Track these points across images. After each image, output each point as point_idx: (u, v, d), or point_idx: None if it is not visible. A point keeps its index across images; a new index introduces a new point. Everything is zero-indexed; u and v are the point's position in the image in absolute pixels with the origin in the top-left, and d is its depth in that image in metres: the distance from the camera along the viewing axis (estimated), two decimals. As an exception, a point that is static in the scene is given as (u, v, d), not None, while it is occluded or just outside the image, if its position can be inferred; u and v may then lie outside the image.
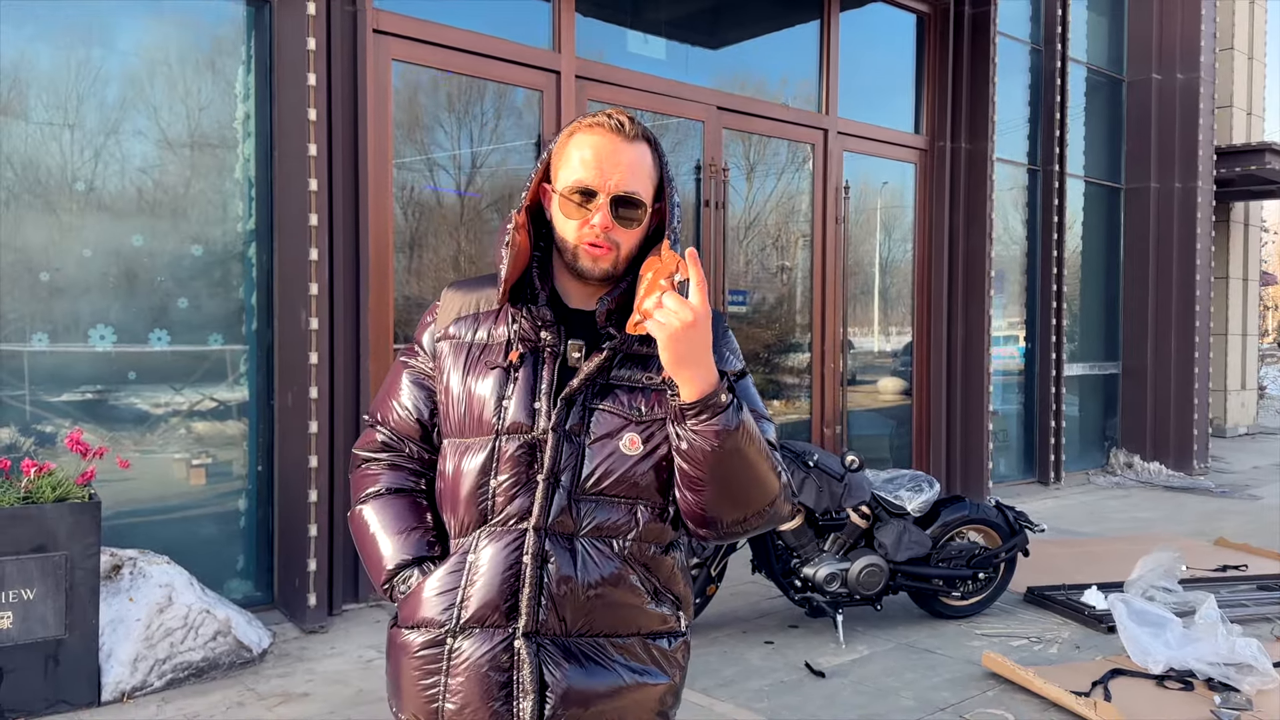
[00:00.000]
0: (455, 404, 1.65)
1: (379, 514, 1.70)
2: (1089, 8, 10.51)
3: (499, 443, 1.60)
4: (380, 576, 1.68)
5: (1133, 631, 4.45)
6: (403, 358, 1.78)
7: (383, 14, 5.35)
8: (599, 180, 1.57)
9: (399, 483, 1.73)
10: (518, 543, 1.57)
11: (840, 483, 4.72)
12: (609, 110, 1.64)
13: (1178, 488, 9.75)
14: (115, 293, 4.72)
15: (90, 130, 4.67)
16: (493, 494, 1.60)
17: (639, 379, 1.62)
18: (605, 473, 1.58)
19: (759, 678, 4.35)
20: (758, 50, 7.73)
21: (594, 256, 1.59)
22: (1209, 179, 10.72)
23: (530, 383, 1.61)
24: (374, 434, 1.78)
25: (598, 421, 1.59)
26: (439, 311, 1.74)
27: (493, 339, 1.66)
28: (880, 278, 8.67)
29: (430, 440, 1.73)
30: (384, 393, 1.79)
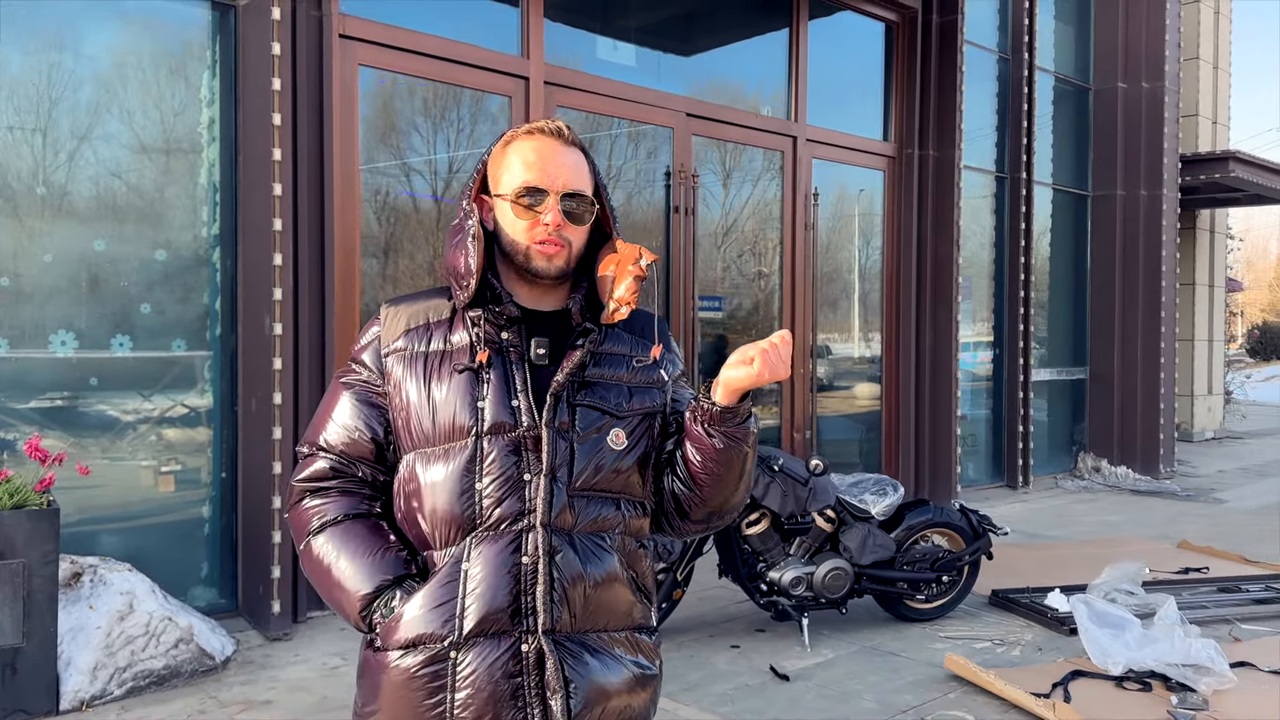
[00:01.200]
0: (420, 413, 1.61)
1: (342, 541, 1.62)
2: (1056, 17, 10.64)
3: (481, 444, 1.58)
4: (356, 604, 1.59)
5: (1093, 633, 4.50)
6: (342, 379, 1.72)
7: (349, 19, 5.34)
8: (546, 180, 1.62)
9: (355, 508, 1.66)
10: (514, 544, 1.56)
11: (805, 487, 4.75)
12: (542, 120, 1.69)
13: (1144, 491, 9.86)
14: (77, 298, 4.69)
15: (52, 134, 4.64)
16: (480, 497, 1.57)
17: (615, 377, 1.68)
18: (597, 468, 1.61)
19: (724, 681, 4.37)
20: (727, 58, 7.78)
21: (548, 255, 1.62)
22: (1174, 187, 10.87)
23: (504, 382, 1.61)
24: (317, 461, 1.70)
25: (583, 418, 1.62)
26: (383, 328, 1.70)
27: (451, 345, 1.64)
28: (850, 284, 8.73)
29: (384, 461, 1.68)
30: (323, 418, 1.71)
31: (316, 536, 1.64)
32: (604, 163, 6.91)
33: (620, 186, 6.99)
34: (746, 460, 1.66)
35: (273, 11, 4.79)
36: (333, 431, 1.68)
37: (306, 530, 1.66)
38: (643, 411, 1.68)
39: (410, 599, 1.56)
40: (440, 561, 1.59)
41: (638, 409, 1.67)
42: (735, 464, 1.64)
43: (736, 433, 1.62)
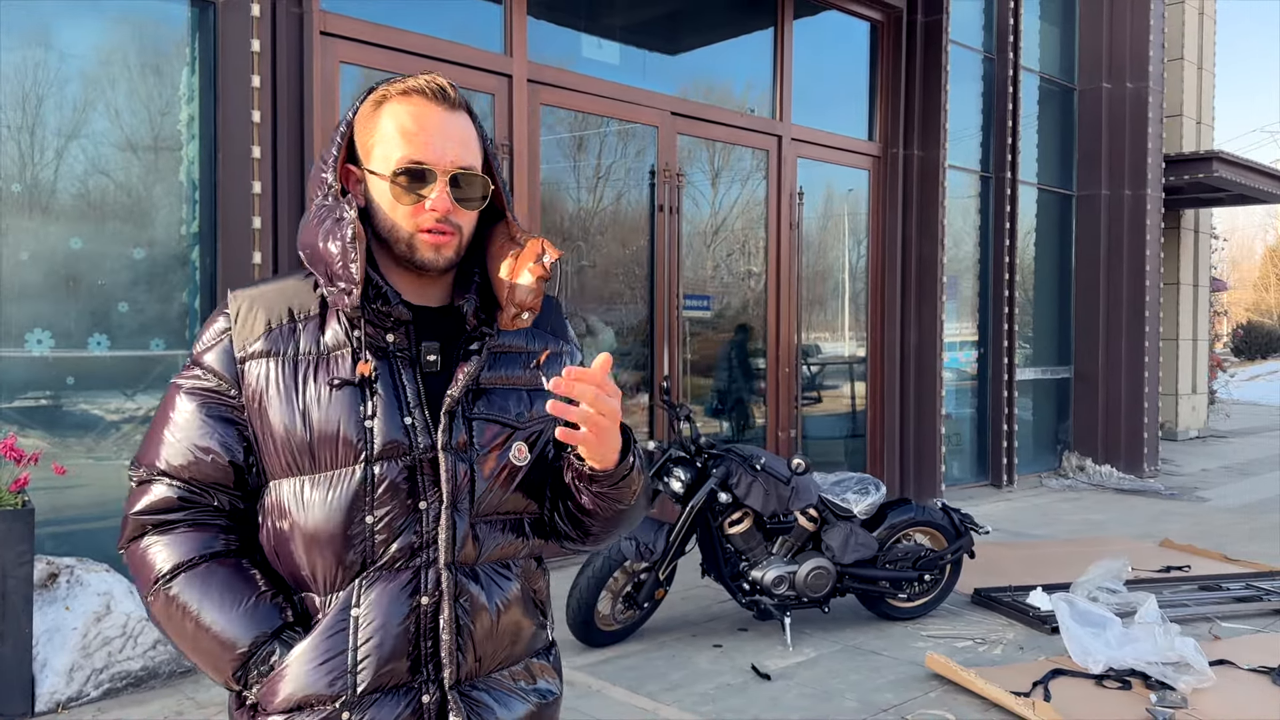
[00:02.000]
0: (294, 433, 1.36)
1: (203, 588, 1.35)
2: (1041, 17, 10.67)
3: (372, 471, 1.36)
4: (229, 664, 1.34)
5: (1075, 631, 4.51)
6: (185, 387, 1.41)
7: (330, 16, 5.31)
8: (431, 155, 1.37)
9: (213, 546, 1.38)
10: (412, 584, 1.36)
11: (787, 486, 4.74)
12: (421, 75, 1.42)
13: (1128, 490, 9.89)
14: (54, 297, 4.65)
15: (28, 132, 4.60)
16: (371, 533, 1.36)
17: (511, 379, 1.48)
18: (501, 489, 1.43)
19: (705, 681, 4.36)
20: (712, 57, 7.77)
21: (435, 245, 1.39)
22: (1158, 186, 10.92)
23: (394, 395, 1.38)
24: (159, 490, 1.40)
25: (480, 433, 1.42)
26: (235, 324, 1.41)
27: (325, 349, 1.39)
28: (835, 283, 8.74)
29: (244, 485, 1.41)
30: (162, 435, 1.41)
31: (169, 583, 1.35)
32: (591, 161, 6.90)
33: (606, 185, 6.98)
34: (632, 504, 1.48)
35: (252, 8, 4.77)
36: (177, 453, 1.39)
37: (155, 576, 1.36)
38: (544, 419, 1.47)
39: (291, 653, 1.33)
40: (324, 607, 1.37)
41: (539, 417, 1.47)
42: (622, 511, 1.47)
43: (609, 493, 1.43)
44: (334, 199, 1.38)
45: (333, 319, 1.40)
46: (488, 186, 1.42)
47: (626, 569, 4.68)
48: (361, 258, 1.34)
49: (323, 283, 1.39)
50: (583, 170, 6.87)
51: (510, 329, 1.45)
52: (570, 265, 6.70)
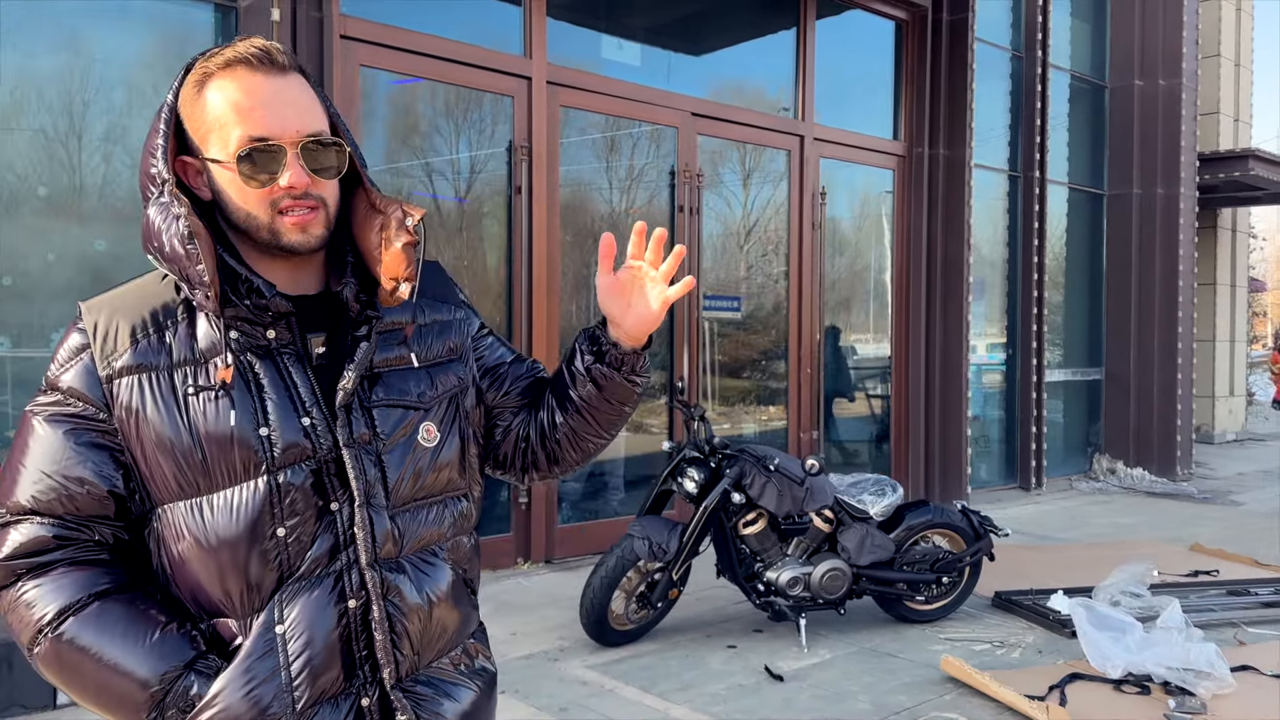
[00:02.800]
0: (181, 453, 1.25)
1: (97, 629, 1.23)
2: (1072, 14, 10.54)
3: (276, 480, 1.26)
4: (142, 705, 1.22)
5: (1092, 636, 4.45)
6: (46, 414, 1.28)
7: (350, 20, 5.37)
8: (274, 128, 1.24)
9: (100, 582, 1.26)
10: (336, 590, 1.29)
11: (802, 487, 4.72)
12: (240, 41, 1.28)
13: (1160, 494, 9.74)
14: (77, 297, 4.70)
15: (54, 135, 4.69)
16: (284, 545, 1.27)
17: (403, 358, 1.40)
18: (415, 476, 1.37)
19: (718, 681, 4.35)
20: (733, 57, 7.76)
21: (301, 225, 1.27)
22: (1192, 185, 10.75)
23: (286, 396, 1.29)
24: (29, 531, 1.26)
25: (383, 420, 1.35)
26: (94, 339, 1.28)
27: (200, 355, 1.28)
28: (859, 283, 8.69)
29: (126, 515, 1.29)
30: (25, 468, 1.27)
31: (59, 630, 1.23)
32: (611, 163, 6.91)
33: (626, 187, 6.99)
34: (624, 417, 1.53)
35: (272, 13, 4.83)
36: (45, 488, 1.26)
37: (38, 625, 1.23)
38: (448, 394, 1.43)
39: (214, 684, 1.23)
40: (243, 630, 1.27)
41: (442, 392, 1.42)
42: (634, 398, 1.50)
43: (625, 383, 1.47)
44: (168, 194, 1.25)
45: (202, 320, 1.29)
46: (343, 152, 1.31)
47: (640, 569, 4.69)
48: (209, 256, 1.24)
49: (183, 286, 1.27)
50: (603, 172, 6.89)
51: (392, 304, 1.36)
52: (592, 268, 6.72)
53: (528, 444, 1.54)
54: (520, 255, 6.13)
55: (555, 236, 6.26)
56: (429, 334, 1.44)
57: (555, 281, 6.26)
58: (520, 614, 5.21)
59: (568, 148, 6.49)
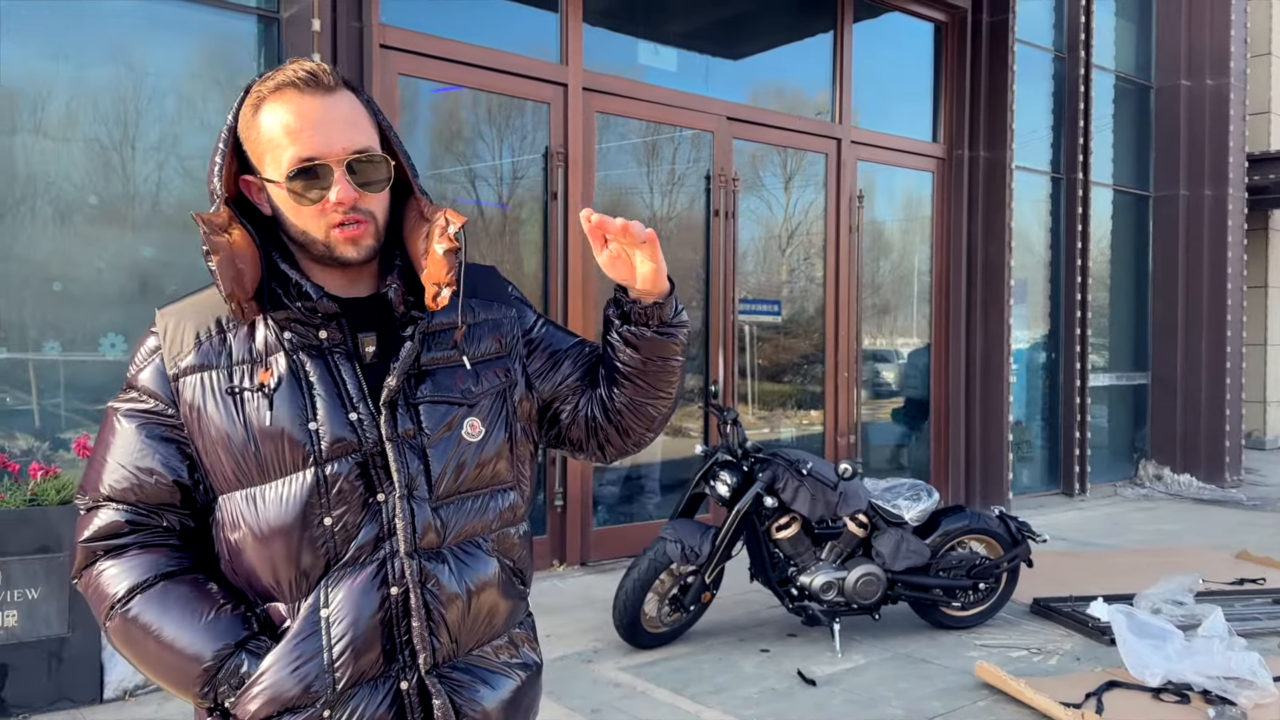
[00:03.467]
0: (236, 446, 1.35)
1: (161, 607, 1.34)
2: (1116, 14, 10.40)
3: (323, 472, 1.35)
4: (196, 679, 1.32)
5: (1131, 643, 4.39)
6: (122, 410, 1.40)
7: (389, 29, 5.46)
8: (320, 147, 1.32)
9: (167, 565, 1.37)
10: (378, 576, 1.36)
11: (835, 491, 4.71)
12: (290, 64, 1.36)
13: (1208, 500, 9.56)
14: (125, 303, 4.86)
15: (103, 145, 4.83)
16: (330, 534, 1.35)
17: (451, 357, 1.46)
18: (457, 470, 1.43)
19: (750, 685, 4.36)
20: (771, 61, 7.76)
21: (353, 239, 1.36)
22: (1240, 186, 10.54)
23: (334, 392, 1.37)
24: (106, 516, 1.38)
25: (429, 416, 1.41)
26: (164, 341, 1.39)
27: (257, 355, 1.37)
28: (898, 287, 8.64)
29: (193, 504, 1.40)
30: (104, 461, 1.39)
31: (127, 606, 1.34)
32: (648, 168, 6.94)
33: (663, 191, 7.02)
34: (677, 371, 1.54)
35: (313, 23, 4.92)
36: (120, 477, 1.37)
37: (111, 600, 1.35)
38: (495, 390, 1.48)
39: (262, 662, 1.33)
40: (291, 614, 1.36)
41: (489, 388, 1.47)
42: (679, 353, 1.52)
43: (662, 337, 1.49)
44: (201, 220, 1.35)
45: (261, 323, 1.38)
46: (390, 165, 1.38)
47: (673, 571, 4.71)
48: (226, 275, 1.32)
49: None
50: (639, 176, 6.92)
51: (434, 308, 1.41)
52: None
53: (595, 423, 1.57)
54: (556, 260, 6.18)
55: (591, 241, 6.30)
56: (479, 332, 1.50)
57: (590, 286, 6.30)
58: (555, 615, 5.26)
59: (603, 153, 6.53)
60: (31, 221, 4.63)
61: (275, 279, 1.38)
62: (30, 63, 4.63)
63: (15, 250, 4.59)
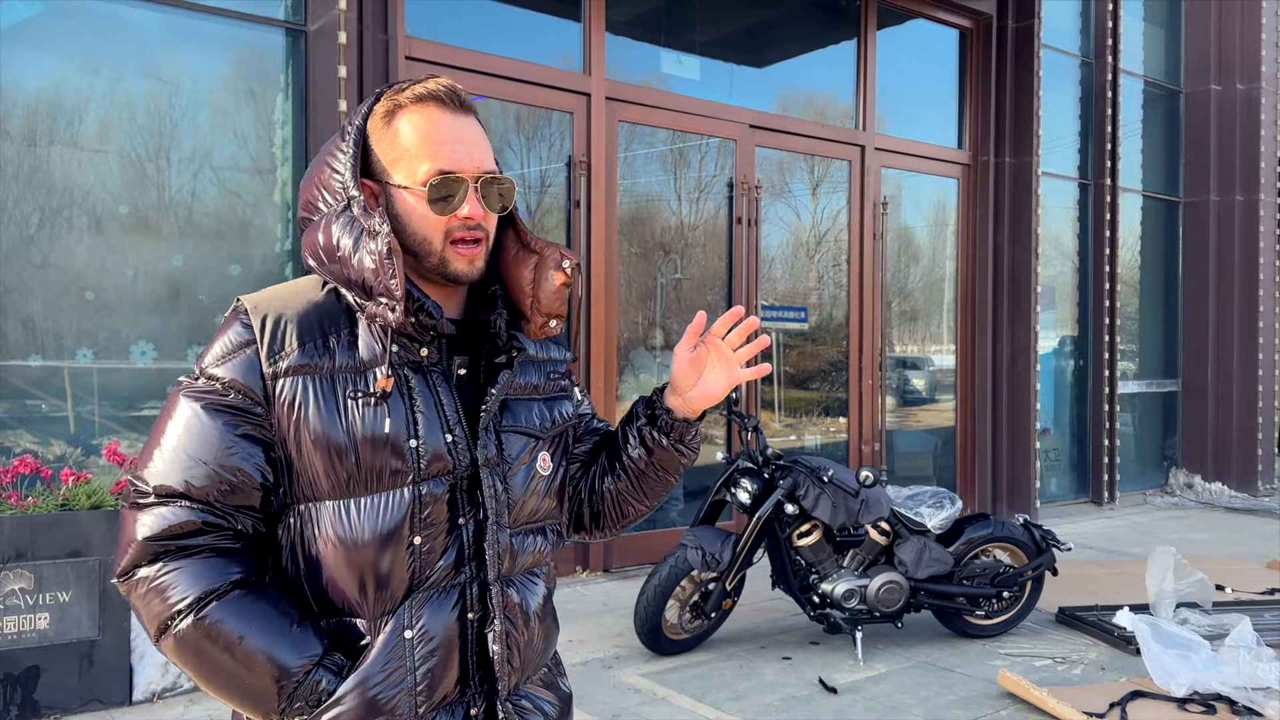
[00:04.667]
0: (338, 453, 1.30)
1: (243, 617, 1.26)
2: (1145, 19, 10.33)
3: (419, 491, 1.33)
4: (276, 695, 1.25)
5: (1156, 653, 4.35)
6: (204, 401, 1.30)
7: (415, 41, 5.53)
8: (459, 162, 1.33)
9: (239, 572, 1.29)
10: (459, 602, 1.36)
11: (856, 499, 4.71)
12: (430, 79, 1.37)
13: (1239, 509, 9.44)
14: (156, 311, 4.95)
15: (134, 156, 4.92)
16: (419, 553, 1.33)
17: (530, 389, 1.50)
18: (532, 500, 1.45)
19: (771, 693, 4.36)
20: (795, 69, 7.78)
21: (469, 257, 1.36)
22: (1273, 191, 10.42)
23: (434, 410, 1.36)
24: (178, 514, 1.28)
25: (510, 445, 1.43)
26: (259, 336, 1.32)
27: (361, 364, 1.33)
28: (924, 294, 8.61)
29: (268, 509, 1.33)
30: (178, 452, 1.29)
31: (201, 612, 1.25)
32: (683, 175, 6.98)
33: (686, 200, 7.05)
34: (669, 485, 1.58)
35: (339, 36, 5.00)
36: (201, 474, 1.28)
37: (178, 606, 1.25)
38: (562, 426, 1.54)
39: (345, 682, 1.28)
40: (371, 631, 1.32)
41: (558, 425, 1.53)
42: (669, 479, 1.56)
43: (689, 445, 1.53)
44: (361, 210, 1.31)
45: (363, 330, 1.34)
46: (512, 189, 1.40)
47: (694, 578, 4.72)
48: (401, 274, 1.29)
49: (355, 296, 1.33)
50: (662, 185, 6.96)
51: (539, 338, 1.46)
52: (664, 278, 6.79)
53: (576, 500, 1.60)
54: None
55: (614, 250, 6.35)
56: (549, 369, 1.54)
57: (613, 295, 6.34)
58: (577, 621, 5.28)
59: (627, 161, 6.57)
60: (68, 231, 4.73)
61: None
62: (65, 76, 4.73)
63: (51, 259, 4.69)
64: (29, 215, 4.66)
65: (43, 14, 4.68)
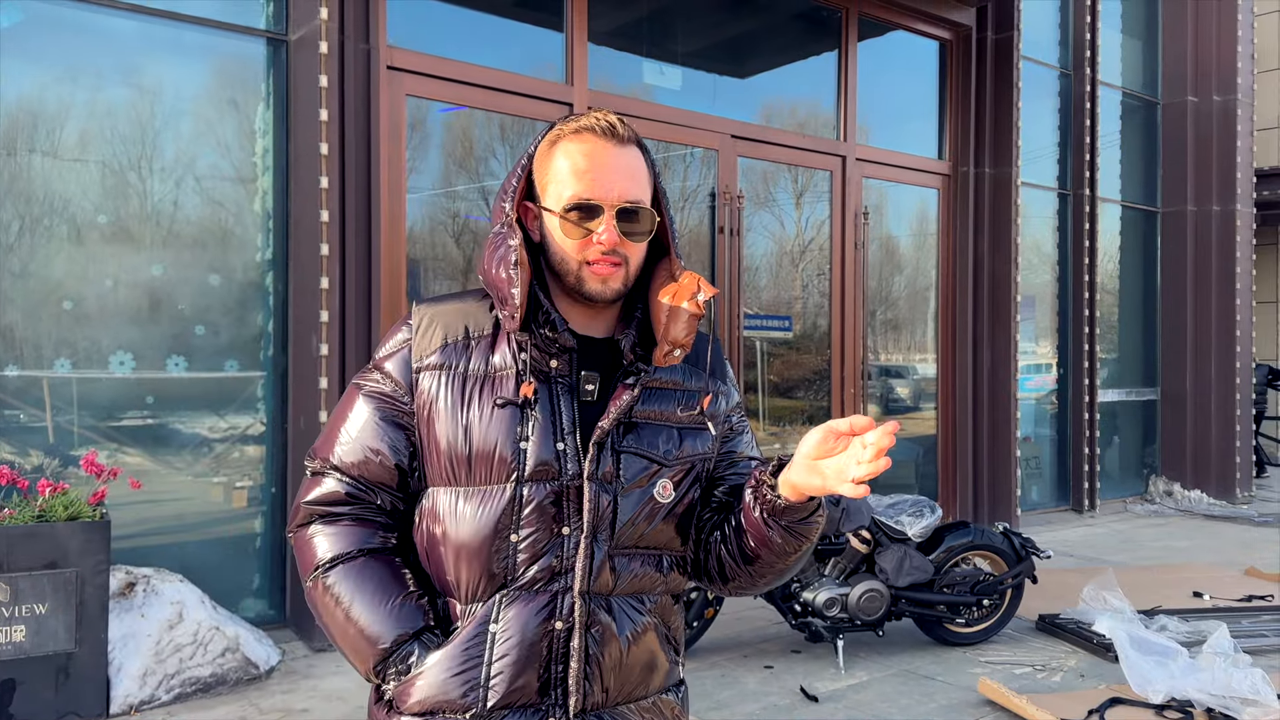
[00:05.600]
0: (455, 445, 1.43)
1: (357, 581, 1.43)
2: (1122, 31, 10.43)
3: (521, 491, 1.41)
4: (371, 657, 1.41)
5: (1134, 660, 4.39)
6: (365, 389, 1.50)
7: (397, 51, 5.54)
8: (599, 191, 1.42)
9: (371, 542, 1.47)
10: (549, 608, 1.40)
11: (837, 506, 4.73)
12: (594, 113, 1.48)
13: (1219, 516, 9.52)
14: (135, 320, 4.93)
15: (115, 165, 4.90)
16: (514, 551, 1.41)
17: (663, 415, 1.50)
18: (643, 524, 1.46)
19: (752, 701, 4.37)
20: (775, 80, 7.82)
21: (603, 277, 1.43)
22: (1249, 201, 10.53)
23: (550, 420, 1.43)
24: (329, 482, 1.49)
25: (628, 467, 1.45)
26: (415, 335, 1.49)
27: (492, 369, 1.45)
28: (905, 303, 8.66)
29: (406, 488, 1.49)
30: (339, 431, 1.50)
31: (328, 573, 1.45)
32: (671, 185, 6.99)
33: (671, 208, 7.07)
34: (804, 551, 1.47)
35: (320, 46, 5.00)
36: (350, 450, 1.48)
37: (316, 563, 1.46)
38: (693, 458, 1.51)
39: (429, 657, 1.40)
40: (464, 616, 1.43)
41: (688, 455, 1.50)
42: (791, 554, 1.45)
43: (799, 529, 1.41)
44: (507, 228, 1.45)
45: (503, 341, 1.47)
46: (654, 219, 1.47)
47: (676, 588, 4.72)
48: (523, 284, 1.41)
49: (496, 305, 1.47)
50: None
51: (663, 365, 1.48)
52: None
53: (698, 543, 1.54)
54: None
55: (597, 259, 6.34)
56: (695, 399, 1.54)
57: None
58: (560, 632, 5.27)
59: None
60: (47, 240, 4.71)
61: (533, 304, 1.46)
62: (45, 85, 4.71)
63: (30, 269, 4.66)
64: (8, 224, 4.64)
65: (22, 23, 4.67)
